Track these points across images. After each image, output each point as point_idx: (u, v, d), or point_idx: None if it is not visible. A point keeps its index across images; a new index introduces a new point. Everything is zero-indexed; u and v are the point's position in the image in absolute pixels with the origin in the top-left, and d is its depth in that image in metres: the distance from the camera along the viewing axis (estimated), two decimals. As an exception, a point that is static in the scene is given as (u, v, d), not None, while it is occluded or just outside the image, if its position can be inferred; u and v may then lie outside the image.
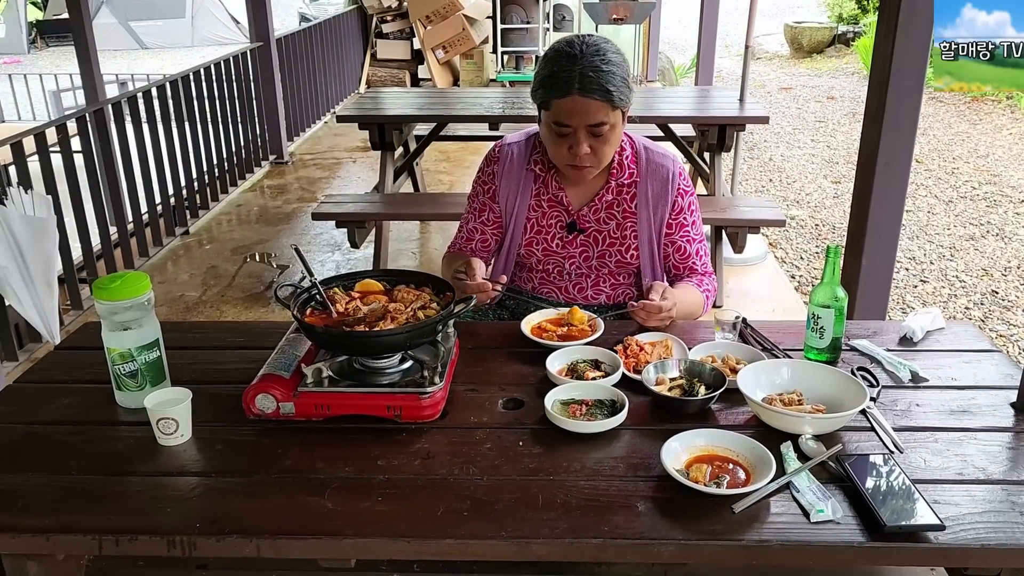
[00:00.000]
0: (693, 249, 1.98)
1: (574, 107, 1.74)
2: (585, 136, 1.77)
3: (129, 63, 14.20)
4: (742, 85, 4.07)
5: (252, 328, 1.91)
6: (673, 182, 1.94)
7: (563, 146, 1.80)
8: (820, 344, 1.63)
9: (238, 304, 3.92)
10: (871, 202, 2.54)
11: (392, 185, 4.18)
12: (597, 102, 1.73)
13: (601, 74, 1.73)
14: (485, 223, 2.01)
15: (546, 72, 1.78)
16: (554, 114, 1.77)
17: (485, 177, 2.00)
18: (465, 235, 2.04)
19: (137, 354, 1.48)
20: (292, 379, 1.47)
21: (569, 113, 1.75)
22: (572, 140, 1.78)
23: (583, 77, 1.72)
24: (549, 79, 1.77)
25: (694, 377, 1.53)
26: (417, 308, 1.57)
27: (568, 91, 1.73)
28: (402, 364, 1.54)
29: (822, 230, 5.30)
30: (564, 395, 1.50)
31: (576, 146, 1.78)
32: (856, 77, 10.80)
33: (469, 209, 2.04)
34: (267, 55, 6.10)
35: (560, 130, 1.78)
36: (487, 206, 2.00)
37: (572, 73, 1.73)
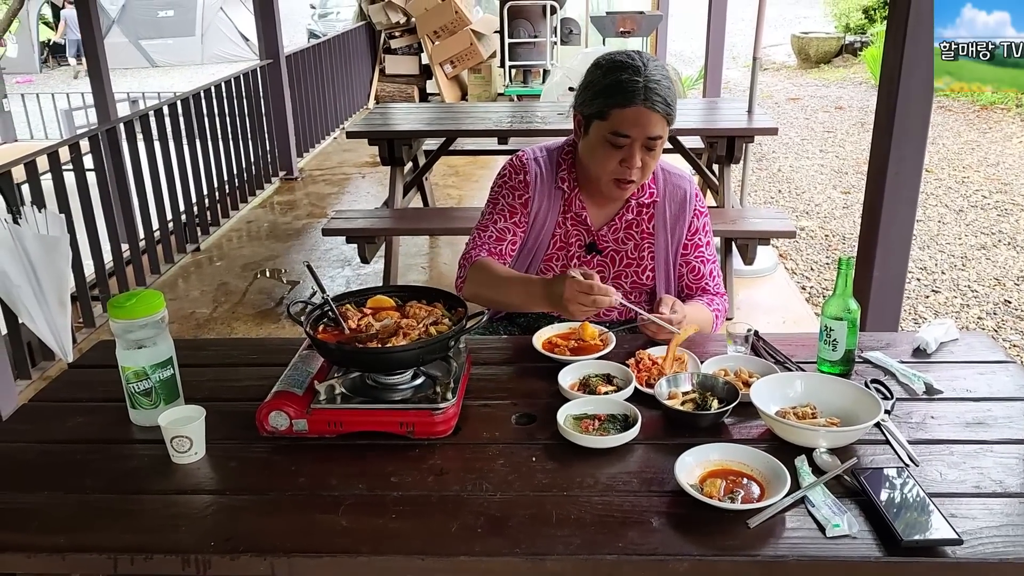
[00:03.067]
0: (707, 270, 1.98)
1: (638, 118, 1.74)
2: (640, 149, 1.77)
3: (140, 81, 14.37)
4: (750, 96, 4.07)
5: (265, 345, 1.92)
6: (690, 203, 1.94)
7: (614, 158, 1.79)
8: (833, 357, 1.62)
9: (249, 321, 3.94)
10: (882, 212, 2.53)
11: (402, 200, 4.20)
12: (658, 115, 1.74)
13: (663, 88, 1.74)
14: (517, 225, 1.94)
15: (608, 81, 1.77)
16: (613, 124, 1.76)
17: (515, 183, 1.94)
18: (495, 235, 1.92)
19: (151, 372, 1.49)
20: (305, 396, 1.47)
21: (632, 123, 1.74)
22: (626, 153, 1.77)
23: (648, 89, 1.72)
24: (612, 88, 1.75)
25: (707, 391, 1.53)
26: (429, 324, 1.57)
27: (632, 101, 1.73)
28: (414, 380, 1.55)
29: (832, 241, 5.28)
30: (576, 410, 1.50)
31: (630, 159, 1.77)
32: (864, 87, 10.80)
33: (495, 210, 1.96)
34: (277, 72, 6.15)
35: (617, 140, 1.76)
36: (518, 209, 1.94)
37: (638, 84, 1.73)
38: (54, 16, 17.20)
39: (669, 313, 1.73)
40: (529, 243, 1.98)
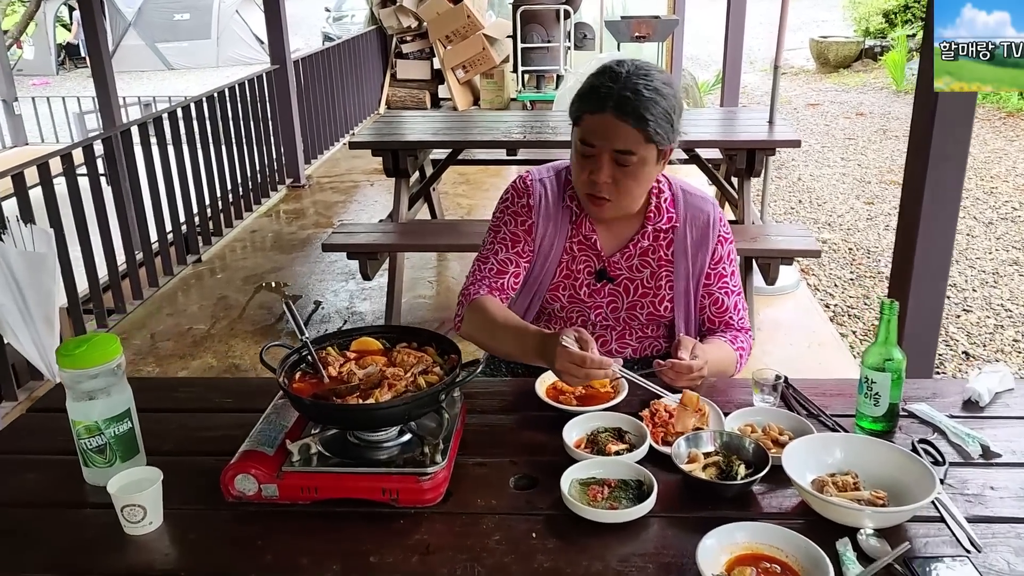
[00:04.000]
0: (731, 302, 1.80)
1: (604, 126, 1.58)
2: (608, 162, 1.60)
3: (156, 84, 14.33)
4: (771, 106, 3.88)
5: (244, 386, 1.75)
6: (714, 228, 1.76)
7: (585, 169, 1.64)
8: (875, 412, 1.43)
9: (247, 338, 3.79)
10: (917, 239, 2.34)
11: (407, 213, 4.03)
12: (628, 127, 1.56)
13: (641, 99, 1.56)
14: (519, 255, 1.78)
15: (586, 86, 1.63)
16: (583, 131, 1.62)
17: (518, 208, 1.78)
18: (495, 267, 1.76)
19: (105, 427, 1.33)
20: (276, 456, 1.30)
21: (596, 132, 1.59)
22: (594, 164, 1.62)
23: (622, 98, 1.56)
24: (587, 92, 1.62)
25: (732, 454, 1.35)
26: (418, 373, 1.40)
27: (602, 108, 1.57)
28: (401, 437, 1.37)
29: (856, 255, 5.07)
30: (583, 473, 1.33)
31: (597, 171, 1.61)
32: (885, 92, 10.55)
33: (496, 239, 1.80)
34: (284, 77, 6.01)
35: (585, 149, 1.62)
36: (521, 237, 1.77)
37: (612, 91, 1.57)
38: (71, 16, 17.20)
39: (689, 358, 1.55)
40: (535, 271, 1.81)
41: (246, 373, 3.46)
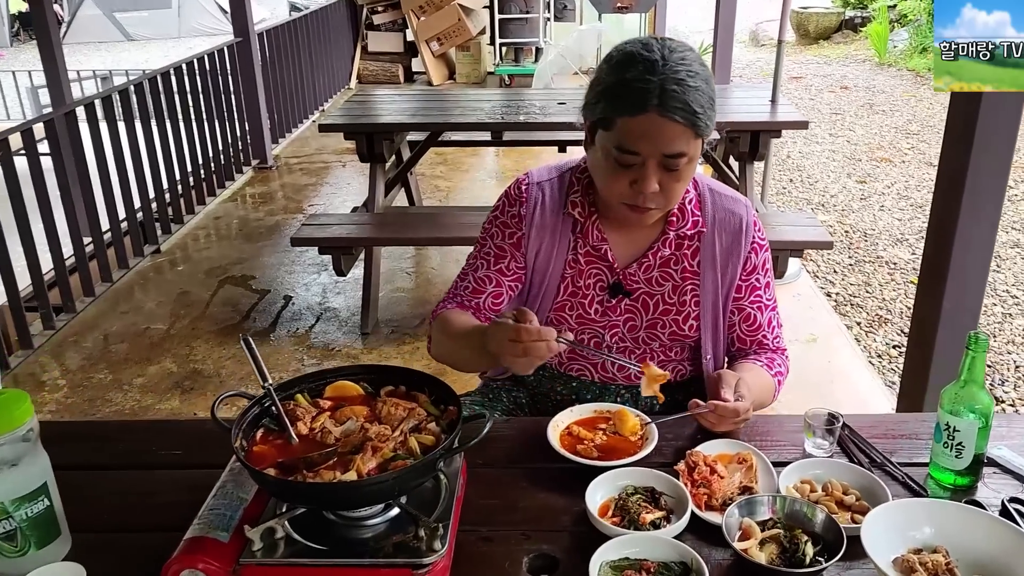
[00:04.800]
0: (765, 319, 1.55)
1: (650, 129, 1.30)
2: (656, 169, 1.33)
3: (115, 56, 13.73)
4: (774, 83, 3.62)
5: (196, 432, 1.47)
6: (747, 234, 1.50)
7: (624, 180, 1.36)
8: (957, 465, 1.20)
9: (211, 339, 3.49)
10: (955, 236, 2.11)
11: (384, 200, 3.74)
12: (679, 125, 1.29)
13: (688, 90, 1.28)
14: (503, 272, 1.54)
15: (613, 80, 1.33)
16: (619, 136, 1.32)
17: (507, 219, 1.53)
18: (472, 286, 1.55)
19: (14, 509, 1.05)
20: (232, 544, 1.04)
21: (642, 137, 1.31)
22: (638, 173, 1.34)
23: (664, 92, 1.27)
24: (618, 90, 1.32)
25: (796, 527, 1.10)
26: (408, 430, 1.14)
27: (643, 107, 1.28)
28: (388, 511, 1.11)
29: (853, 238, 4.87)
30: (614, 554, 1.08)
31: (643, 181, 1.33)
32: (868, 65, 10.36)
33: (480, 253, 1.57)
34: (247, 50, 5.63)
35: (625, 158, 1.33)
36: (507, 252, 1.53)
37: (651, 84, 1.28)
38: (23, -15, 16.44)
39: (733, 399, 1.31)
40: (532, 290, 1.55)
41: (209, 380, 3.16)
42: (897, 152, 6.63)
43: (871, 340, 3.64)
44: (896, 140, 6.98)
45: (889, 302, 4.00)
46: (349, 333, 3.52)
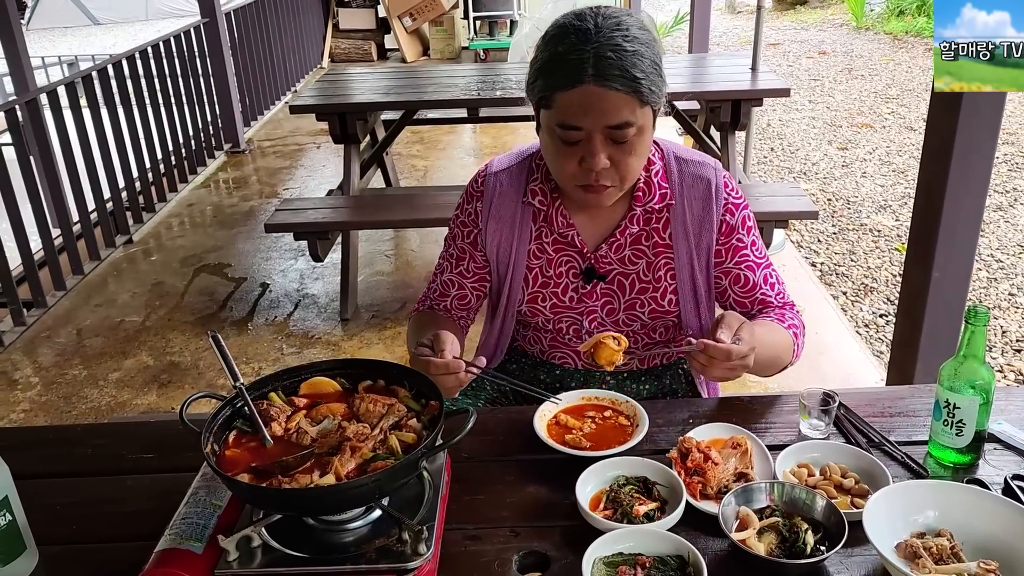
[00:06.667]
0: (759, 276, 1.48)
1: (589, 101, 1.24)
2: (603, 143, 1.27)
3: (81, 41, 13.39)
4: (754, 51, 3.56)
5: (167, 431, 1.41)
6: (718, 196, 1.43)
7: (572, 159, 1.30)
8: (958, 443, 1.16)
9: (187, 330, 3.41)
10: (944, 203, 2.07)
11: (359, 182, 3.65)
12: (619, 93, 1.23)
13: (625, 55, 1.22)
14: (464, 274, 1.52)
15: (547, 55, 1.28)
16: (559, 112, 1.27)
17: (466, 217, 1.49)
18: (439, 288, 1.54)
19: (-29, 528, 0.99)
20: (207, 555, 0.98)
21: (580, 110, 1.25)
22: (585, 149, 1.28)
23: (600, 60, 1.22)
24: (551, 64, 1.27)
25: (795, 515, 1.06)
26: (388, 428, 1.08)
27: (580, 79, 1.23)
28: (370, 513, 1.06)
29: (836, 206, 4.84)
30: (607, 549, 1.03)
31: (591, 157, 1.27)
32: (845, 29, 10.30)
33: (445, 254, 1.54)
34: (215, 31, 5.49)
35: (567, 135, 1.28)
36: (466, 253, 1.50)
37: (584, 54, 1.22)
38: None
39: (729, 341, 1.25)
40: (500, 284, 1.50)
41: (187, 372, 3.09)
42: (877, 117, 6.60)
43: (857, 310, 3.62)
44: (876, 105, 6.95)
45: (874, 270, 3.98)
46: (329, 320, 3.45)
